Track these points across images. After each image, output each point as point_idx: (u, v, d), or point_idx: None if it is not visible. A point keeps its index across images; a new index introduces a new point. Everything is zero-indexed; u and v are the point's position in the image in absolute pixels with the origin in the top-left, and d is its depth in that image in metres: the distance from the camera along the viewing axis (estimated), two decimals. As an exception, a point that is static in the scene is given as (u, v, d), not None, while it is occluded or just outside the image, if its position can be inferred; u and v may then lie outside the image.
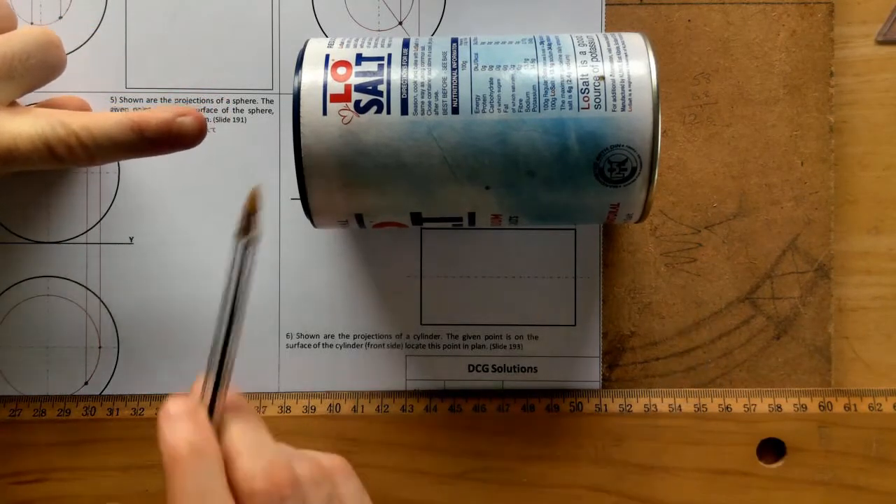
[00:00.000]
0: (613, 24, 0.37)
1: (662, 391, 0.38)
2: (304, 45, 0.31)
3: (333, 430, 0.38)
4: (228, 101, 0.37)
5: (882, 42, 0.38)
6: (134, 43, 0.37)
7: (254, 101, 0.37)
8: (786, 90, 0.37)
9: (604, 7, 0.37)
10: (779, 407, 0.37)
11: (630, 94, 0.29)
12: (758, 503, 0.38)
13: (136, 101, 0.37)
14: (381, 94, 0.30)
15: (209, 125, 0.37)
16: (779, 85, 0.37)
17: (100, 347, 0.38)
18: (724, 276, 0.38)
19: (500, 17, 0.37)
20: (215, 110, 0.37)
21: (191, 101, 0.37)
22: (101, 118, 0.31)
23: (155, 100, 0.37)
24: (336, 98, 0.30)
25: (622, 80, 0.29)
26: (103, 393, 0.38)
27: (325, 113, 0.30)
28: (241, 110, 0.37)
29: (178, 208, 0.37)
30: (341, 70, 0.30)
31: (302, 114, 0.30)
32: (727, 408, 0.37)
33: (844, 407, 0.37)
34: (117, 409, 0.37)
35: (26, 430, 0.37)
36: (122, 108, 0.37)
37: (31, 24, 0.37)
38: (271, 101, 0.37)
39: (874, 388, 0.38)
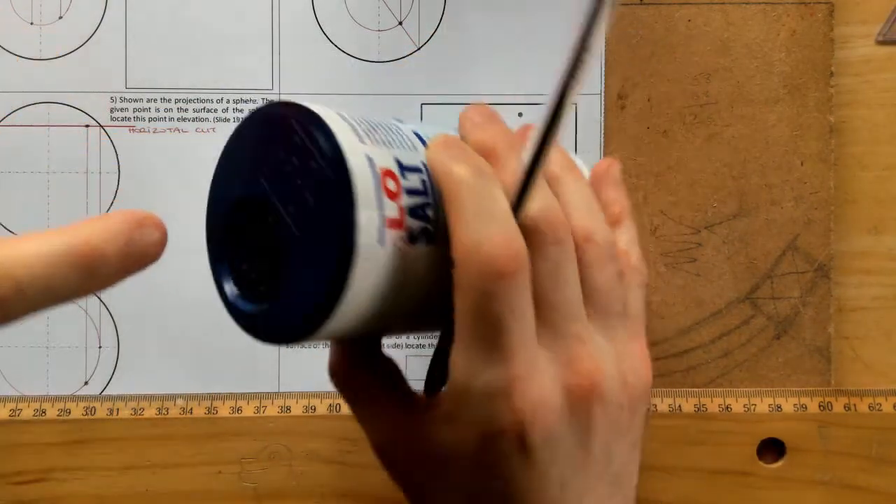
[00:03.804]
0: (614, 24, 0.37)
1: (662, 391, 0.38)
2: (322, 122, 0.22)
3: (333, 430, 0.38)
4: (228, 101, 0.37)
5: (882, 42, 0.38)
6: (134, 43, 0.37)
7: (254, 101, 0.37)
8: (786, 90, 0.37)
9: (604, 7, 0.37)
10: (779, 407, 0.37)
11: None
12: (758, 503, 0.38)
13: (135, 101, 0.37)
14: (429, 220, 0.24)
15: (209, 125, 0.37)
16: (779, 85, 0.37)
17: (100, 347, 0.38)
18: (724, 276, 0.38)
19: (500, 18, 0.37)
20: (215, 110, 0.37)
21: (191, 101, 0.37)
22: (27, 255, 0.19)
23: (155, 100, 0.37)
24: (393, 224, 0.22)
25: None
26: (103, 393, 0.38)
27: (382, 242, 0.22)
28: (241, 110, 0.37)
29: (178, 208, 0.37)
30: (391, 184, 0.23)
31: (360, 242, 0.22)
32: (727, 408, 0.37)
33: (844, 407, 0.37)
34: (117, 409, 0.37)
35: (26, 430, 0.37)
36: (122, 109, 0.37)
37: (31, 24, 0.37)
38: (271, 101, 0.37)
39: (874, 388, 0.38)
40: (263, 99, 0.37)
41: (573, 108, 0.22)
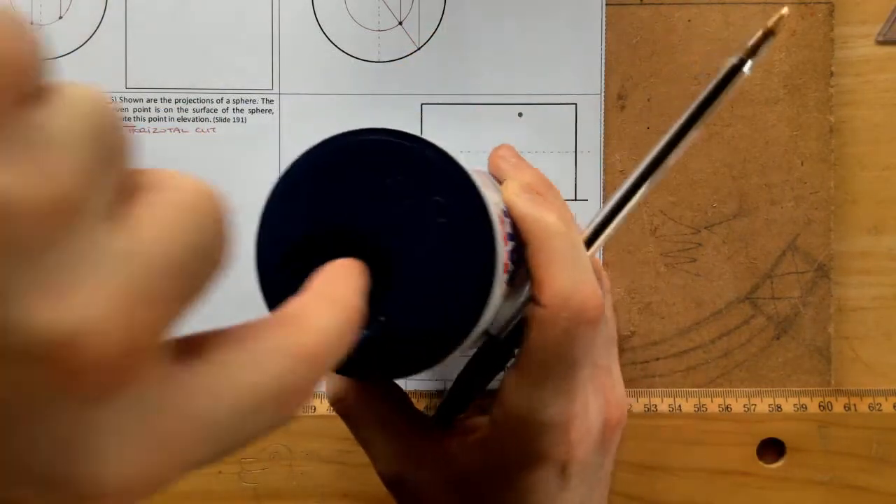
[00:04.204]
0: (614, 24, 0.37)
1: (662, 391, 0.38)
2: (453, 161, 0.22)
3: (333, 430, 0.38)
4: (228, 101, 0.37)
5: (882, 42, 0.38)
6: (134, 43, 0.37)
7: (254, 101, 0.37)
8: (786, 90, 0.37)
9: (604, 7, 0.37)
10: (779, 407, 0.37)
11: None
12: (758, 503, 0.38)
13: (136, 101, 0.37)
14: (516, 262, 0.24)
15: (209, 125, 0.37)
16: (779, 85, 0.37)
17: (100, 347, 0.37)
18: (724, 276, 0.38)
19: (500, 18, 0.37)
20: (215, 110, 0.37)
21: (191, 101, 0.37)
22: (329, 337, 0.16)
23: (155, 100, 0.37)
24: (505, 268, 0.23)
25: None
26: (103, 393, 0.37)
27: (500, 286, 0.22)
28: (241, 110, 0.37)
29: (178, 208, 0.37)
30: (503, 228, 0.23)
31: (495, 285, 0.21)
32: (727, 408, 0.37)
33: (844, 407, 0.37)
34: (117, 409, 0.37)
35: (26, 430, 0.37)
36: (122, 109, 0.37)
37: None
38: (271, 101, 0.37)
39: (874, 388, 0.38)
40: (263, 99, 0.37)
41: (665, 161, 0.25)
